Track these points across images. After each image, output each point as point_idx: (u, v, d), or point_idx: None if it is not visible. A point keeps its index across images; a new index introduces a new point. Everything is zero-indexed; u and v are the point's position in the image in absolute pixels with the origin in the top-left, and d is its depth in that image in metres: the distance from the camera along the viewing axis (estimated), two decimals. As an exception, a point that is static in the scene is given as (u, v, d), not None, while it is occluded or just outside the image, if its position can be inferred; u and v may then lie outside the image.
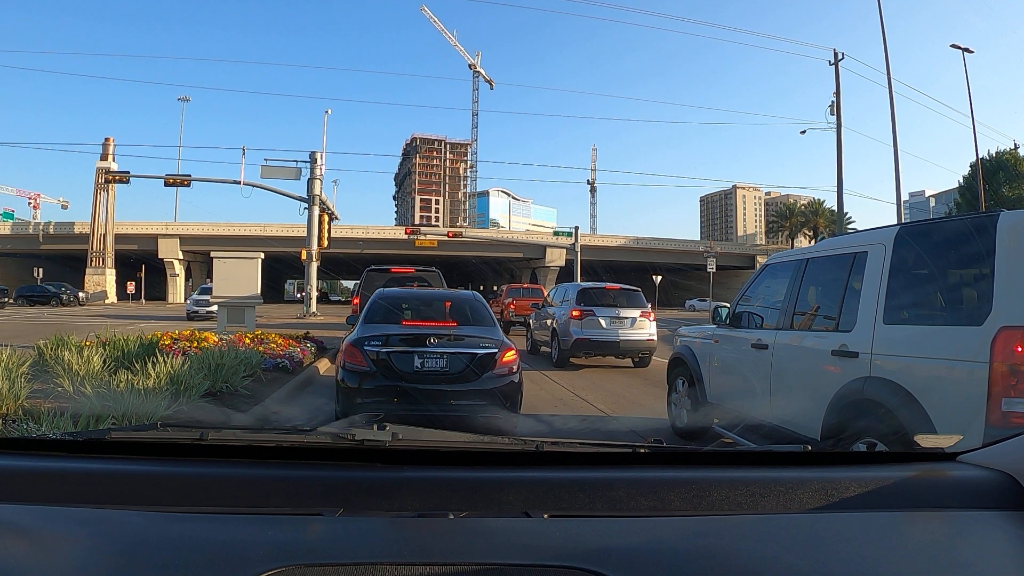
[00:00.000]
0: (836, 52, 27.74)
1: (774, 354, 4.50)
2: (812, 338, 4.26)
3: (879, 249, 3.81)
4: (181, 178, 27.31)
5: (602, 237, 56.09)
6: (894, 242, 3.74)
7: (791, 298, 4.56)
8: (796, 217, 65.43)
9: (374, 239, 49.15)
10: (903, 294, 3.66)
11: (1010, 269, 3.06)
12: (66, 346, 6.57)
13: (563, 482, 1.22)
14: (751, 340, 4.79)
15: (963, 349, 3.15)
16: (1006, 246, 3.09)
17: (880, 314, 3.64)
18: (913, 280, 3.72)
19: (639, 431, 5.95)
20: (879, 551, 1.05)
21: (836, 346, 3.86)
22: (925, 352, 3.38)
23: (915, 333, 3.51)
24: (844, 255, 4.15)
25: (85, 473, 1.18)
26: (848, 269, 4.02)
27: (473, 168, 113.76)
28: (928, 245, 3.73)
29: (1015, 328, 2.96)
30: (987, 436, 2.71)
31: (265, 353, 8.45)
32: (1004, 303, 3.03)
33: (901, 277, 3.66)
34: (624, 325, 11.08)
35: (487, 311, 6.37)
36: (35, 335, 10.74)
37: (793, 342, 4.39)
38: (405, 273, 12.07)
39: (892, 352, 3.53)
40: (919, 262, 3.71)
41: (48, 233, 48.94)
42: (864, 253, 3.93)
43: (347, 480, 1.20)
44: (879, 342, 3.61)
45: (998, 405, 2.96)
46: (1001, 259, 3.09)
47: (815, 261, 4.51)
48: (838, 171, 27.28)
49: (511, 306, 21.45)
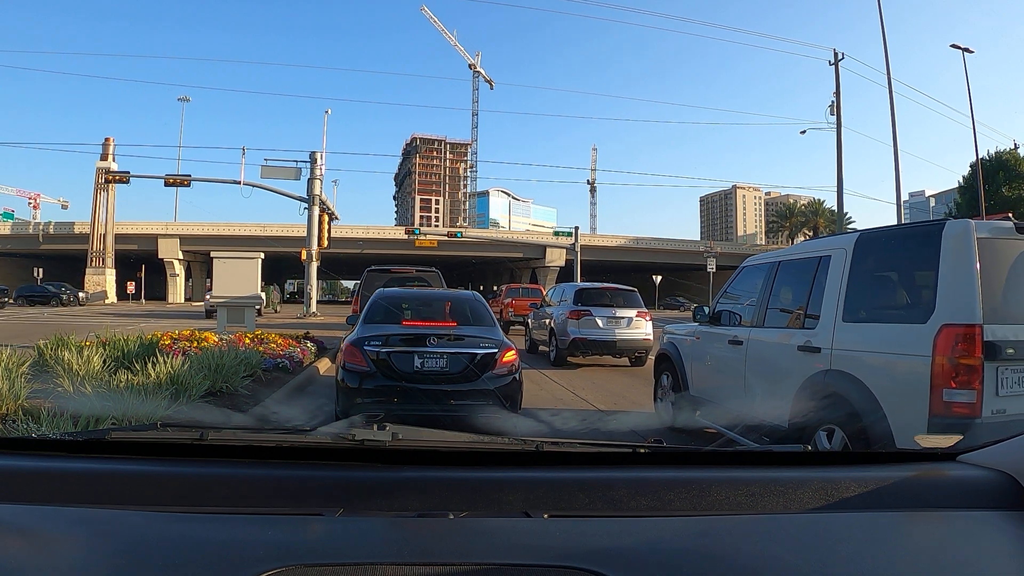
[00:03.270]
0: (836, 52, 27.77)
1: (748, 349, 4.84)
2: (781, 335, 4.56)
3: (841, 253, 4.16)
4: (181, 178, 27.32)
5: (602, 237, 56.06)
6: (854, 247, 4.08)
7: (764, 298, 4.90)
8: (796, 217, 65.42)
9: (374, 239, 49.14)
10: (860, 294, 3.98)
11: (952, 273, 3.40)
12: (66, 346, 6.56)
13: (563, 482, 1.22)
14: (728, 337, 5.12)
15: (910, 344, 3.47)
16: (949, 252, 3.44)
17: (840, 313, 3.99)
18: (869, 282, 4.03)
19: (639, 431, 5.96)
20: (879, 551, 1.05)
21: (802, 342, 4.19)
22: (878, 347, 3.72)
23: (869, 330, 3.84)
24: (810, 259, 4.49)
25: (85, 473, 1.18)
26: (814, 272, 4.35)
27: (473, 168, 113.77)
28: (883, 250, 4.10)
29: (955, 326, 3.30)
30: (930, 425, 3.25)
31: (265, 353, 8.44)
32: (946, 303, 3.38)
33: (859, 279, 4.00)
34: (620, 325, 11.28)
35: (487, 311, 6.36)
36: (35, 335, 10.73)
37: (765, 338, 4.72)
38: (405, 273, 12.14)
39: (849, 347, 3.87)
40: (875, 266, 4.03)
41: (48, 233, 48.92)
42: (828, 257, 4.27)
43: (347, 480, 1.20)
44: (839, 338, 3.95)
45: (940, 395, 3.29)
46: (944, 264, 3.44)
47: (785, 264, 4.86)
48: (838, 171, 27.30)
49: (510, 306, 21.62)
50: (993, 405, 3.27)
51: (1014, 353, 3.29)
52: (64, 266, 47.21)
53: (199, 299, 38.57)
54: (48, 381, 5.64)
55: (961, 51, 27.93)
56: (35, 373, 5.95)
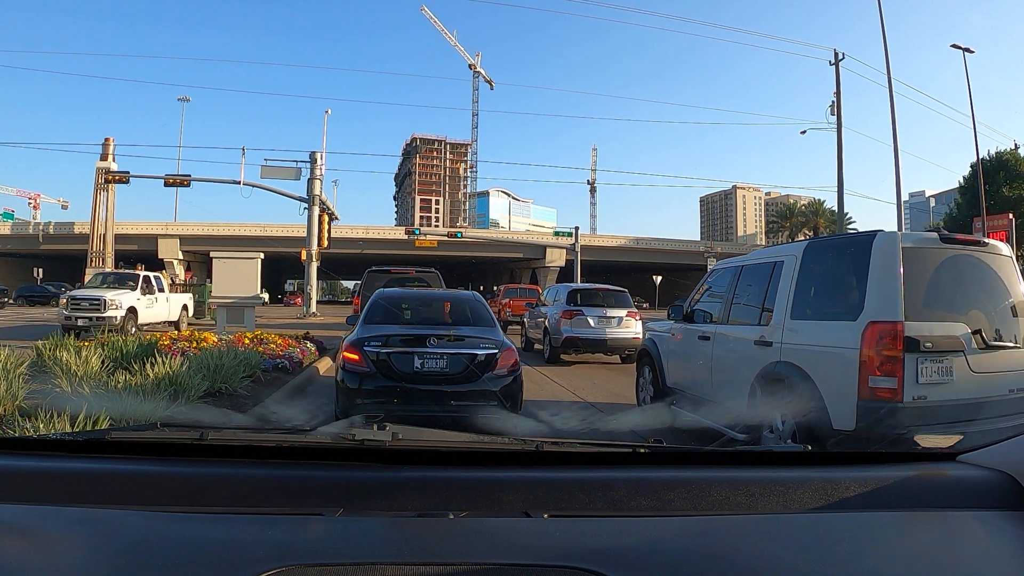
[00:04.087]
0: (836, 52, 27.72)
1: (714, 344, 5.39)
2: (741, 331, 5.06)
3: (792, 259, 4.70)
4: (181, 178, 27.29)
5: (602, 237, 56.05)
6: (802, 254, 4.64)
7: (729, 298, 5.43)
8: (796, 217, 65.33)
9: (374, 239, 49.13)
10: (806, 295, 4.51)
11: (879, 277, 3.94)
12: (64, 346, 6.54)
13: (563, 482, 1.22)
14: (699, 333, 5.67)
15: (843, 338, 3.97)
16: (877, 260, 3.96)
17: (789, 311, 4.52)
18: (813, 285, 4.54)
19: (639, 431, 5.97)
20: (879, 551, 1.05)
21: (757, 337, 4.71)
22: (818, 341, 4.23)
23: (812, 326, 4.35)
24: (767, 263, 5.02)
25: (85, 473, 1.18)
26: (769, 275, 4.87)
27: (473, 168, 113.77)
28: (826, 257, 4.61)
29: (879, 323, 3.82)
30: (859, 407, 3.68)
31: (264, 353, 8.42)
32: (872, 303, 3.90)
33: (805, 282, 4.54)
34: (611, 324, 11.70)
35: (487, 311, 6.35)
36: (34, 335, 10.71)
37: (728, 334, 5.26)
38: (405, 274, 12.24)
39: (796, 342, 4.38)
40: (818, 271, 4.55)
41: (48, 233, 48.93)
42: (781, 262, 4.80)
43: (347, 480, 1.20)
44: (787, 333, 4.47)
45: (866, 382, 3.79)
46: (873, 270, 3.97)
47: (748, 268, 5.40)
48: (838, 171, 27.26)
49: (508, 306, 21.89)
50: (914, 392, 3.77)
51: (932, 347, 3.79)
52: (64, 266, 47.19)
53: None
54: (46, 382, 5.61)
55: (962, 51, 27.89)
56: (33, 374, 5.93)
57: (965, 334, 3.93)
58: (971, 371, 3.92)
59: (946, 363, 3.87)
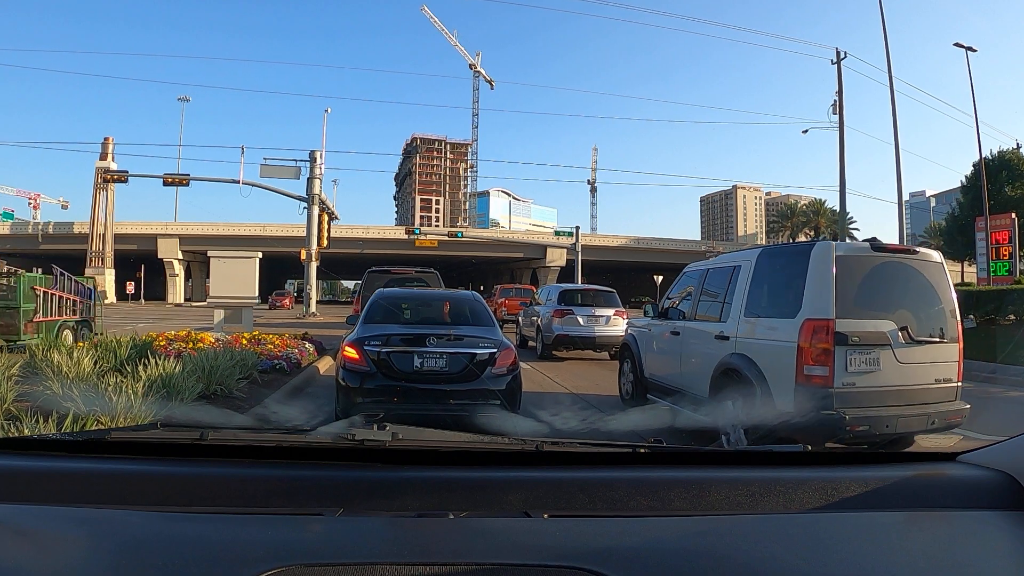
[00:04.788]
0: (838, 51, 27.59)
1: (683, 338, 6.07)
2: (705, 326, 5.69)
3: (747, 264, 5.32)
4: (180, 177, 27.19)
5: (603, 237, 55.93)
6: (756, 260, 5.28)
7: (696, 297, 6.09)
8: (797, 217, 65.24)
9: (374, 239, 49.02)
10: (757, 296, 5.14)
11: (814, 281, 4.57)
12: (56, 347, 6.40)
13: (563, 482, 1.22)
14: (670, 329, 6.35)
15: (784, 333, 4.62)
16: (814, 266, 4.58)
17: (743, 309, 5.17)
18: (763, 286, 5.16)
19: (639, 431, 5.92)
20: (879, 551, 1.05)
21: (718, 332, 5.35)
22: (765, 335, 4.87)
23: (761, 323, 4.99)
24: (728, 267, 5.64)
25: (85, 473, 1.18)
26: (729, 278, 5.49)
27: (473, 168, 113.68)
28: (774, 263, 5.20)
29: (813, 320, 4.45)
30: (796, 391, 4.26)
31: (261, 354, 8.28)
32: (809, 303, 4.53)
33: (757, 284, 5.17)
34: (599, 323, 12.31)
35: (486, 311, 6.37)
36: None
37: (694, 329, 5.92)
38: (404, 274, 12.41)
39: (748, 336, 5.03)
40: (768, 274, 5.16)
41: (47, 233, 48.86)
42: (739, 267, 5.42)
43: (347, 480, 1.20)
44: (741, 329, 5.12)
45: (802, 370, 4.43)
46: (810, 274, 4.59)
47: (712, 271, 6.02)
48: (840, 170, 27.14)
49: (503, 305, 22.53)
50: (843, 379, 4.38)
51: (859, 341, 4.41)
52: (63, 266, 46.47)
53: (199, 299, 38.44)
54: (38, 383, 5.49)
55: (964, 50, 27.73)
56: (26, 375, 5.82)
57: (892, 330, 4.53)
58: (898, 362, 4.52)
59: (873, 355, 4.48)
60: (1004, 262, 25.66)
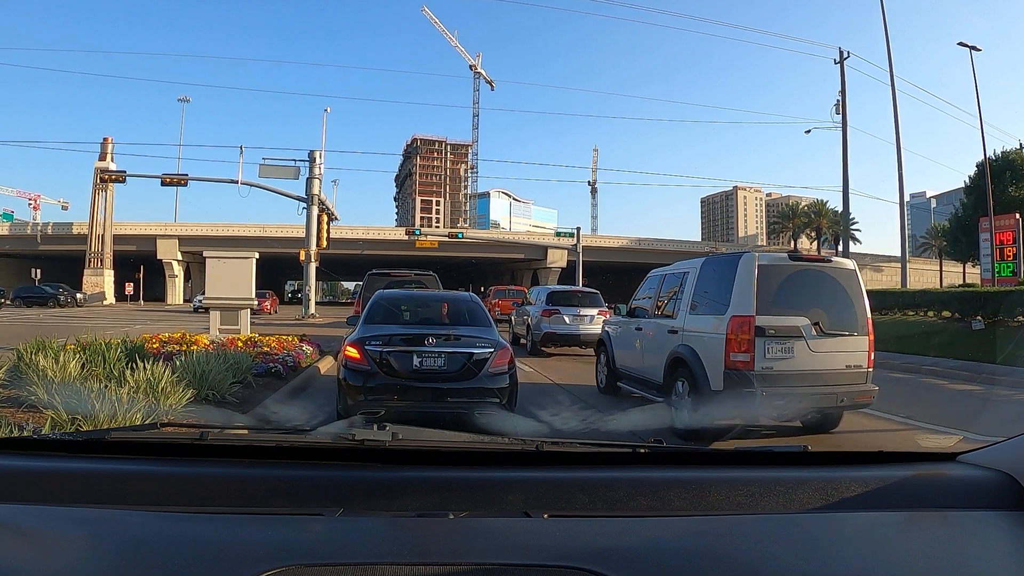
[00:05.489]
0: (841, 51, 27.41)
1: (644, 333, 7.15)
2: (661, 322, 6.75)
3: (693, 271, 6.41)
4: (178, 177, 27.01)
5: (604, 238, 55.74)
6: (700, 267, 6.35)
7: (655, 298, 7.22)
8: (799, 218, 64.80)
9: (374, 240, 48.84)
10: (700, 297, 6.15)
11: (739, 285, 5.57)
12: (43, 350, 6.19)
13: (563, 482, 1.22)
14: (635, 325, 7.44)
15: (717, 327, 5.62)
16: (740, 273, 5.58)
17: (688, 308, 6.24)
18: (704, 289, 6.15)
19: (638, 432, 6.00)
20: (879, 551, 1.05)
21: (670, 327, 6.42)
22: (703, 329, 5.88)
23: (701, 319, 6.01)
24: (679, 273, 6.76)
25: (85, 473, 1.18)
26: (680, 282, 6.62)
27: (474, 169, 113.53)
28: (712, 270, 6.19)
29: (738, 316, 5.45)
30: (725, 375, 5.41)
31: (256, 357, 8.09)
32: (735, 303, 5.53)
33: (700, 288, 6.19)
34: (584, 321, 13.24)
35: (483, 312, 6.53)
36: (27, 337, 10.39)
37: (653, 324, 6.97)
38: (404, 277, 12.77)
39: (691, 329, 6.07)
40: (707, 279, 6.18)
41: (46, 234, 48.70)
42: (687, 272, 6.52)
43: (347, 480, 1.20)
44: (686, 325, 6.17)
45: (729, 356, 5.40)
46: (737, 280, 5.60)
47: (668, 275, 7.13)
48: (844, 171, 26.95)
49: (496, 305, 23.42)
50: (762, 364, 5.39)
51: (775, 333, 5.43)
52: (63, 267, 46.95)
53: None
54: (24, 388, 5.30)
55: (969, 49, 27.55)
56: (12, 379, 5.63)
57: (805, 325, 5.51)
58: (810, 351, 5.51)
59: (788, 344, 5.48)
60: (1008, 263, 25.51)
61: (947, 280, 55.23)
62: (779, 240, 72.26)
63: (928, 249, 68.32)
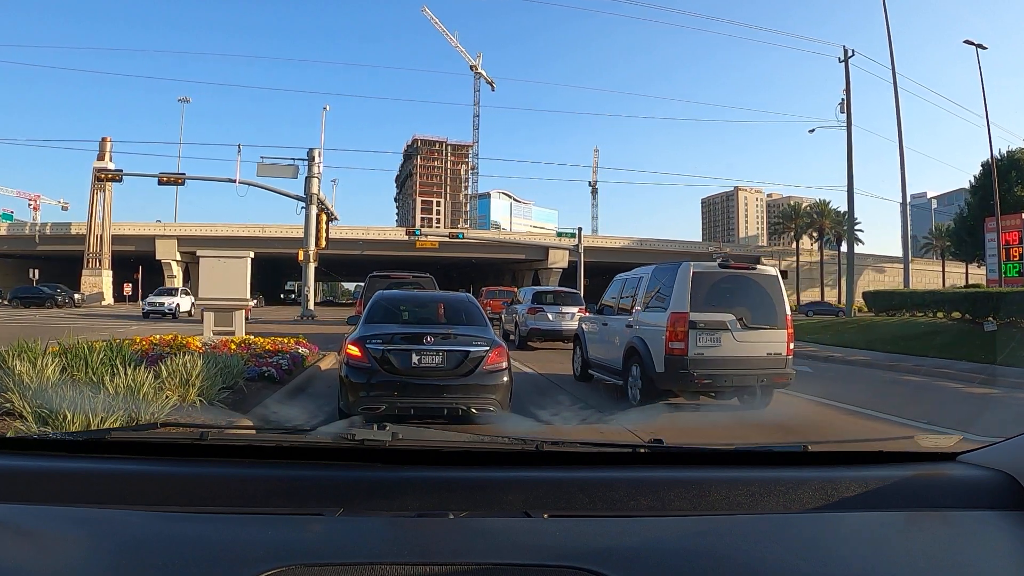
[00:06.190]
0: (846, 49, 27.14)
1: (608, 327, 8.47)
2: (621, 318, 8.09)
3: (647, 275, 7.80)
4: (175, 176, 26.70)
5: (605, 238, 55.48)
6: (651, 273, 7.78)
7: (618, 297, 8.53)
8: (801, 218, 64.27)
9: (375, 240, 48.57)
10: (650, 297, 7.49)
11: (677, 288, 6.89)
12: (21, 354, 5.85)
13: (563, 482, 1.21)
14: (602, 321, 8.80)
15: (660, 321, 6.90)
16: (679, 278, 6.92)
17: (641, 306, 7.58)
18: (653, 291, 7.49)
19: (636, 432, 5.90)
20: (879, 551, 1.04)
21: (627, 322, 7.76)
22: (651, 323, 7.16)
23: (650, 315, 7.28)
24: (636, 277, 8.18)
25: (85, 473, 1.17)
26: (637, 284, 7.99)
27: (474, 170, 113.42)
28: (659, 275, 7.55)
29: (676, 313, 6.72)
30: (665, 361, 6.95)
31: (249, 361, 7.78)
32: (673, 302, 6.84)
33: (650, 289, 7.54)
34: (565, 318, 14.72)
35: (479, 312, 6.75)
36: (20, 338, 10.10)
37: (615, 320, 8.26)
38: (402, 279, 13.43)
39: (643, 324, 7.35)
40: (655, 283, 7.56)
41: (45, 234, 48.48)
42: (641, 277, 7.93)
43: (347, 480, 1.19)
44: (639, 319, 7.50)
45: (668, 345, 6.69)
46: (676, 283, 6.92)
47: (628, 279, 8.45)
48: (848, 170, 26.66)
49: (488, 305, 24.60)
50: (694, 351, 6.67)
51: (704, 326, 6.70)
52: (61, 267, 46.72)
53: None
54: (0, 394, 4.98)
55: (975, 47, 27.24)
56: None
57: (731, 320, 6.80)
58: (735, 340, 6.78)
59: (716, 335, 6.74)
60: (1015, 263, 25.30)
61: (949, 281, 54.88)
62: (780, 240, 71.87)
63: (930, 250, 67.94)
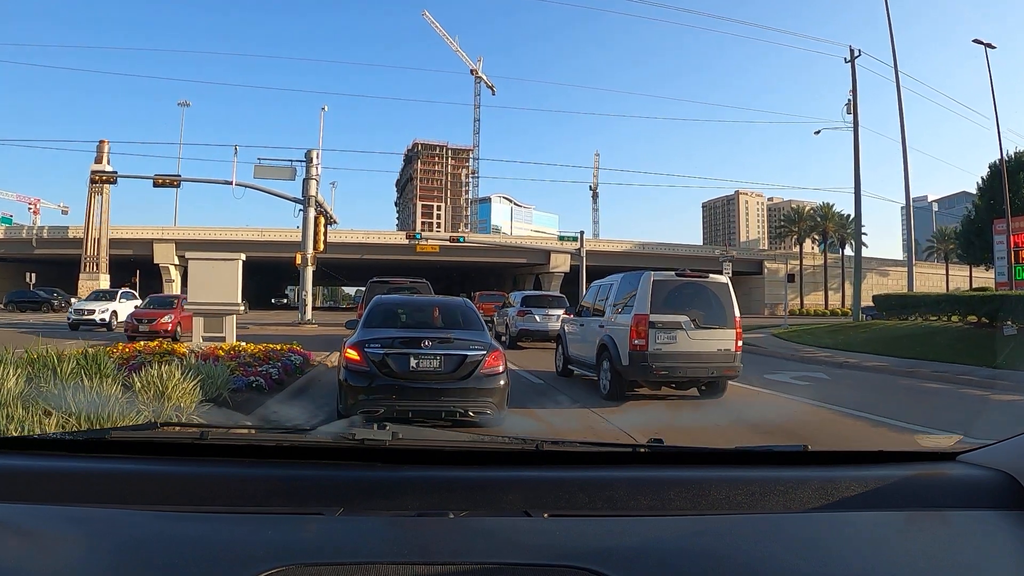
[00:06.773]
0: (852, 49, 26.73)
1: (585, 327, 9.55)
2: (595, 319, 9.24)
3: (617, 282, 9.01)
4: (171, 178, 26.17)
5: (607, 242, 55.02)
6: (620, 279, 8.94)
7: (593, 301, 9.76)
8: (805, 221, 63.68)
9: (375, 244, 48.14)
10: (619, 300, 8.67)
11: (640, 293, 8.04)
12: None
13: (563, 481, 1.21)
14: (579, 322, 9.94)
15: (626, 321, 8.06)
16: (641, 285, 8.13)
17: (612, 308, 8.76)
18: (622, 295, 8.64)
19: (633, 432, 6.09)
20: (879, 551, 1.04)
21: (600, 322, 8.91)
22: (619, 324, 8.29)
23: (618, 316, 8.47)
24: (608, 283, 9.32)
25: (85, 473, 1.17)
26: (609, 289, 9.17)
27: (475, 174, 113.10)
28: (627, 282, 8.69)
29: (639, 314, 7.89)
30: (629, 355, 8.36)
31: (236, 370, 7.33)
32: (637, 305, 8.01)
33: (620, 294, 8.75)
34: (551, 320, 15.70)
35: (476, 316, 6.86)
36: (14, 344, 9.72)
37: (591, 321, 9.35)
38: (400, 284, 13.96)
39: (613, 324, 8.50)
40: (623, 288, 8.71)
41: (42, 237, 48.13)
42: (612, 284, 9.12)
43: (347, 480, 1.19)
44: (610, 320, 8.64)
45: (632, 341, 7.82)
46: (639, 289, 8.13)
47: (602, 285, 9.59)
48: (855, 172, 26.25)
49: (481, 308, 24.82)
50: (654, 347, 7.77)
51: (662, 326, 7.86)
52: (59, 271, 46.35)
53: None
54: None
55: (984, 47, 26.83)
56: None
57: (686, 320, 7.94)
58: (689, 338, 7.89)
59: (672, 334, 7.86)
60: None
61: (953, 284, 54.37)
62: (782, 244, 71.27)
63: (933, 253, 67.34)
